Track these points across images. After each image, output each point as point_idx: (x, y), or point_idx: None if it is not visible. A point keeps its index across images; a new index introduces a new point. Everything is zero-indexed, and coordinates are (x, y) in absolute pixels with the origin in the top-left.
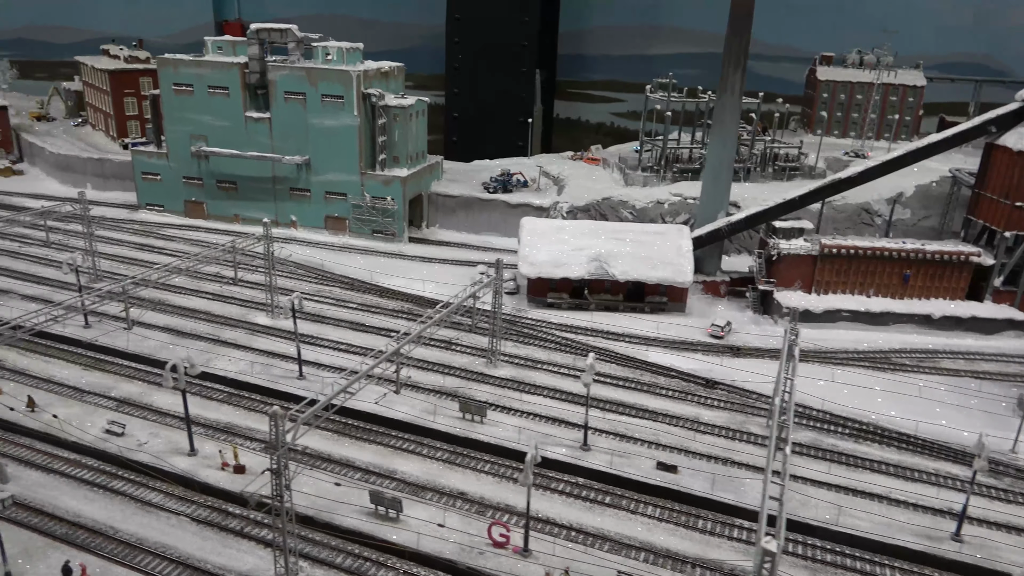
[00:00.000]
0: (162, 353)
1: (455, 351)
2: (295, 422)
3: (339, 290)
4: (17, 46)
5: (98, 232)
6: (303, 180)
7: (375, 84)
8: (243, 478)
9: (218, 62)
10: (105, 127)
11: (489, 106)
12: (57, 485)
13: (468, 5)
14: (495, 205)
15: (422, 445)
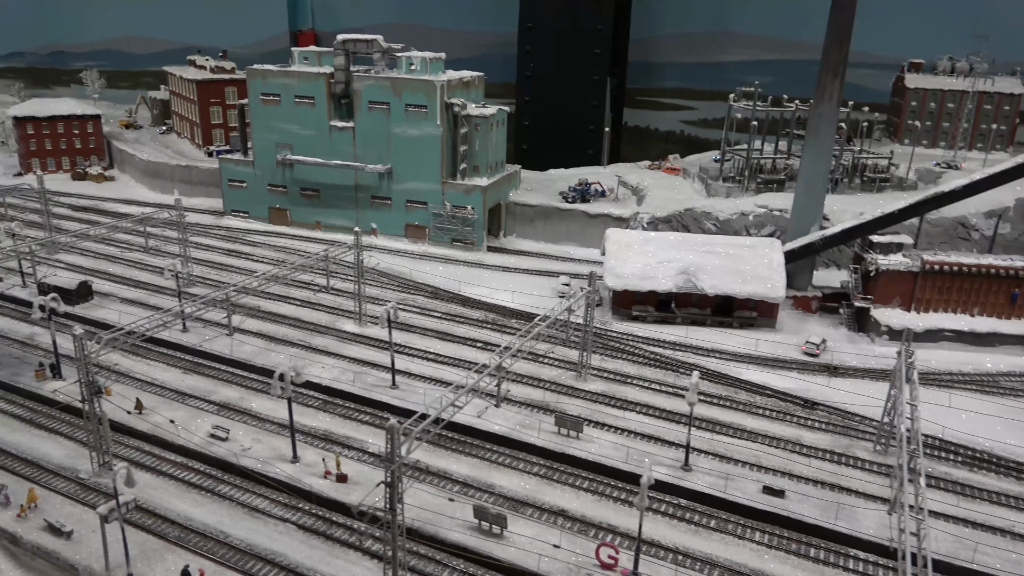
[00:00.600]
0: (258, 359)
1: (542, 363)
2: (408, 436)
3: (423, 299)
4: (104, 57)
5: (189, 237)
6: (384, 188)
7: (457, 94)
8: (346, 487)
9: (305, 72)
10: (191, 135)
11: (560, 115)
12: (167, 488)
13: (541, 14)
14: (574, 215)
15: (518, 460)
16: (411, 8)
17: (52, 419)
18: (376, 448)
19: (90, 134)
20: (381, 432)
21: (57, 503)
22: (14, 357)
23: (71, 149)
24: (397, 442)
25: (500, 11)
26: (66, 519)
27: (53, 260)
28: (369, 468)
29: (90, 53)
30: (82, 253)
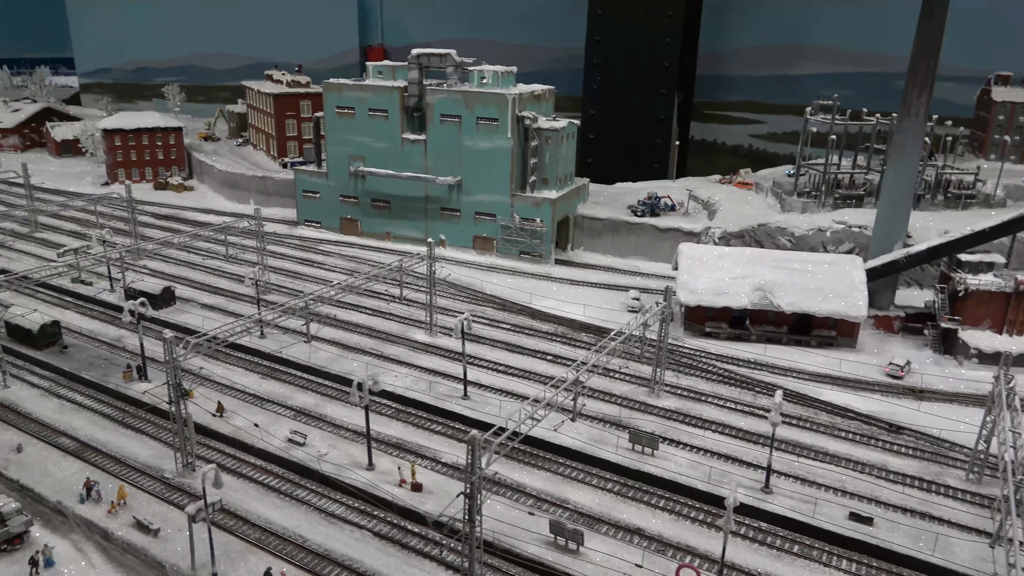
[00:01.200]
0: (333, 366)
1: (614, 378)
2: (488, 447)
3: (492, 311)
4: (184, 73)
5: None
6: (454, 200)
7: (528, 107)
8: (420, 496)
9: (379, 86)
10: (266, 147)
11: (626, 128)
12: (247, 490)
13: (609, 27)
14: (643, 229)
15: (592, 475)
16: (480, 24)
17: (139, 419)
18: (449, 458)
19: (172, 146)
20: (454, 442)
21: (144, 501)
22: (103, 358)
23: (154, 160)
24: (478, 454)
25: (568, 26)
26: (153, 517)
27: (138, 266)
28: (443, 478)
29: (172, 69)
30: (165, 260)
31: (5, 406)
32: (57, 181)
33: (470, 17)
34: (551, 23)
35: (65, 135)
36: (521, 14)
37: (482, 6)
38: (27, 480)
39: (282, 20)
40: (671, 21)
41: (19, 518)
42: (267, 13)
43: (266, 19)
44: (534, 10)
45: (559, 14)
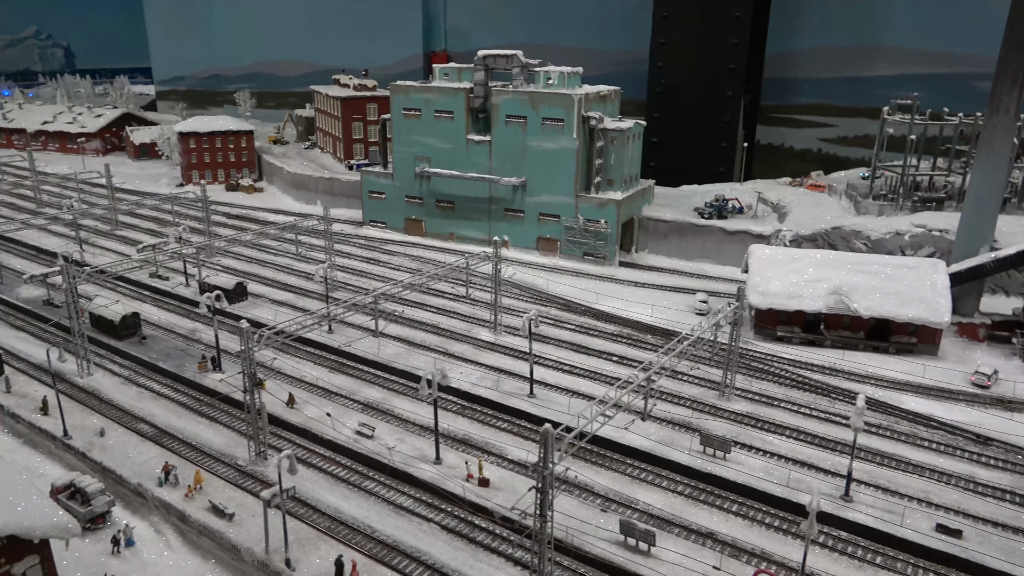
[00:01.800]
0: (399, 361)
1: (682, 380)
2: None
3: (555, 311)
4: (254, 79)
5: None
6: (518, 201)
7: (594, 107)
8: (487, 491)
9: (445, 87)
10: (333, 149)
11: (691, 131)
12: (317, 480)
13: (674, 29)
14: (710, 231)
15: (661, 477)
16: (543, 28)
17: (213, 408)
18: (516, 455)
19: (243, 148)
20: (520, 440)
21: (219, 486)
22: (179, 349)
23: (226, 162)
24: (551, 448)
25: (632, 29)
26: (227, 502)
27: (212, 263)
28: (510, 474)
29: (243, 76)
30: (236, 257)
31: (88, 392)
32: (135, 182)
33: (532, 22)
34: (614, 27)
35: (143, 139)
36: (584, 19)
37: (545, 11)
38: (109, 462)
39: (348, 27)
40: (738, 23)
41: (102, 498)
42: (334, 21)
43: (333, 27)
44: (597, 14)
45: (623, 18)
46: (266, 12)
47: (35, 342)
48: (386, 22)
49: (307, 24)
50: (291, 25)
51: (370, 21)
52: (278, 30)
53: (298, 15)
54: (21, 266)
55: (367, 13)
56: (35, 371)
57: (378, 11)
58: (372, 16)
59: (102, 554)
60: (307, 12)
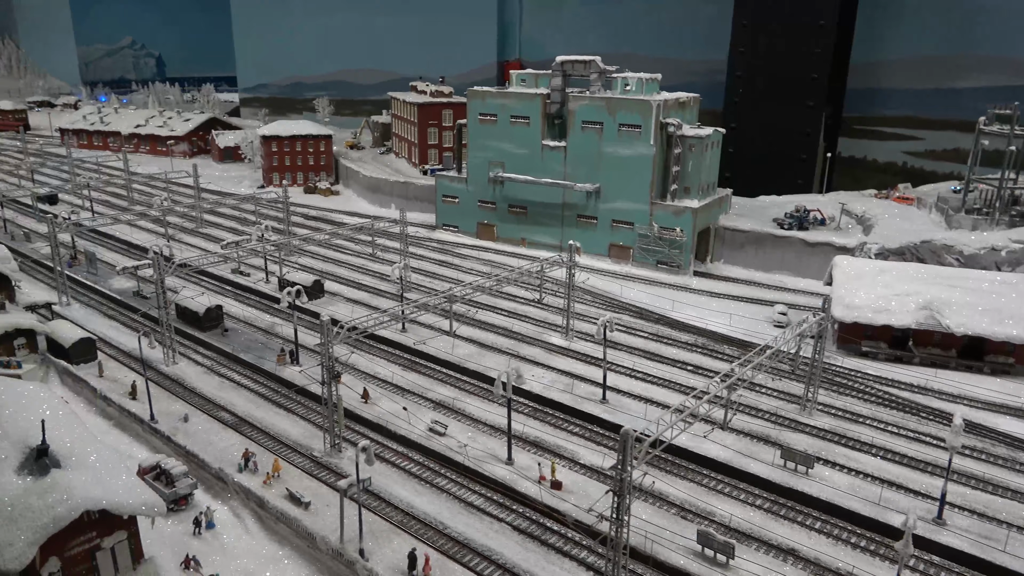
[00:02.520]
0: (470, 362)
1: (760, 392)
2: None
3: (628, 318)
4: (333, 88)
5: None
6: (591, 207)
7: (672, 114)
8: (560, 495)
9: (522, 93)
10: (408, 154)
11: (769, 142)
12: (390, 474)
13: (755, 38)
14: (790, 243)
15: (739, 489)
16: (619, 37)
17: (290, 400)
18: (588, 460)
19: (322, 152)
20: (592, 444)
21: (295, 475)
22: (259, 342)
23: (305, 165)
24: (630, 450)
25: (710, 38)
26: (303, 491)
27: (291, 261)
28: (583, 478)
29: (322, 84)
30: (313, 256)
31: (174, 380)
32: (219, 183)
33: (608, 31)
34: (692, 36)
35: (227, 143)
36: (661, 28)
37: (621, 21)
38: (192, 447)
39: (425, 37)
40: (822, 31)
41: (186, 481)
42: (411, 31)
43: (410, 36)
44: (675, 23)
45: (701, 27)
46: (347, 23)
47: (125, 331)
48: (462, 32)
49: (385, 34)
50: (370, 35)
51: (446, 31)
52: (357, 40)
53: (377, 26)
54: (113, 259)
55: (443, 23)
56: (125, 358)
57: (454, 21)
58: (448, 26)
59: (184, 534)
60: (385, 23)
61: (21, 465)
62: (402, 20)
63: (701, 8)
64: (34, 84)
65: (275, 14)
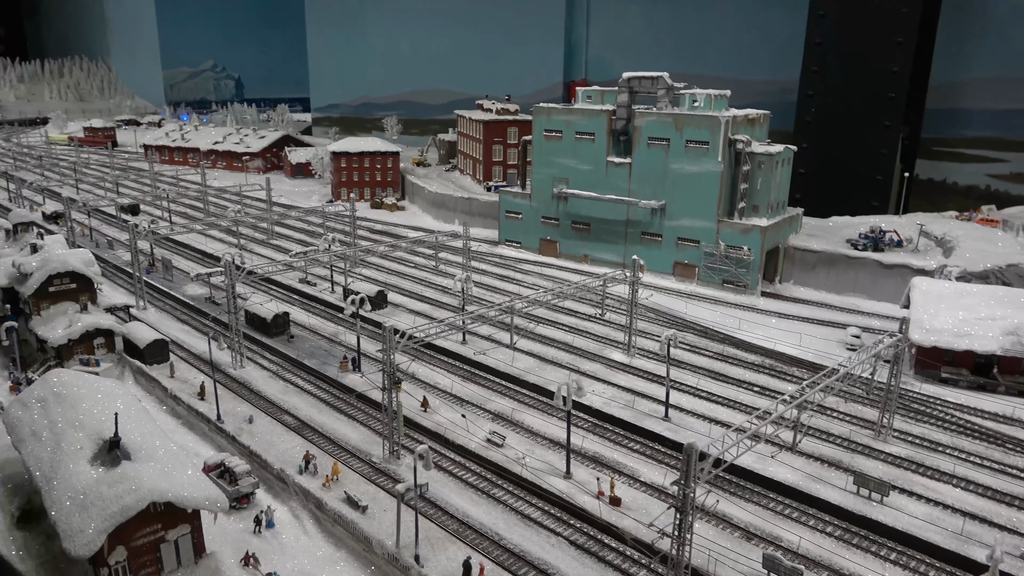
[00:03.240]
0: (531, 375)
1: (830, 417)
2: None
3: (692, 337)
4: (401, 107)
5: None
6: (656, 225)
7: (741, 131)
8: (618, 511)
9: (588, 109)
10: (472, 171)
11: (842, 163)
12: (446, 483)
13: (828, 57)
14: (864, 264)
15: (807, 515)
16: (686, 57)
17: (351, 406)
18: (648, 477)
19: (389, 168)
20: (653, 462)
21: (354, 480)
22: (323, 349)
23: (372, 181)
24: (694, 465)
25: (781, 57)
26: (361, 495)
27: (355, 272)
28: (643, 496)
29: (391, 104)
30: (378, 268)
31: (240, 383)
32: (290, 197)
33: (675, 52)
34: (761, 55)
35: (299, 159)
36: (729, 47)
37: (688, 41)
38: (256, 447)
39: (491, 58)
40: (900, 49)
41: (249, 479)
42: (478, 52)
43: (477, 57)
44: (744, 43)
45: (771, 46)
46: (416, 45)
47: (196, 334)
48: (528, 52)
49: (452, 55)
50: (437, 57)
51: (512, 51)
52: (425, 61)
53: (445, 47)
54: (188, 267)
55: (511, 44)
56: (195, 360)
57: (521, 42)
58: (515, 46)
59: (244, 532)
60: (453, 44)
61: (95, 456)
62: (470, 41)
63: (772, 27)
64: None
65: (348, 38)
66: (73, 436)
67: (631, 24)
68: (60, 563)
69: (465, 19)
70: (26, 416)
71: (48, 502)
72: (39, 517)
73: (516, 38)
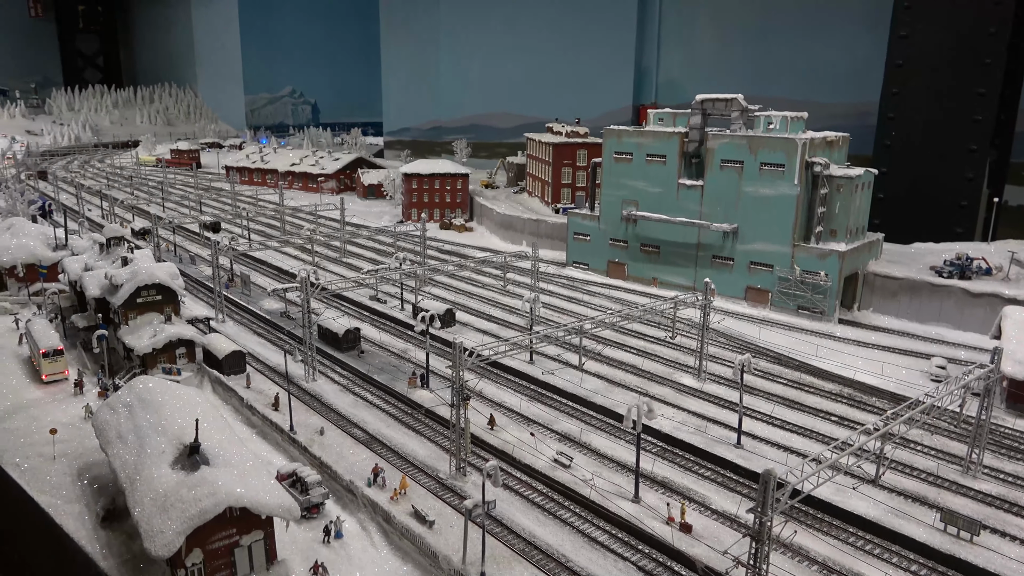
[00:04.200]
0: (598, 397)
1: (915, 451)
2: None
3: (765, 363)
4: (471, 131)
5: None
6: (728, 248)
7: (819, 153)
8: (689, 538)
9: (659, 131)
10: (541, 193)
11: (925, 187)
12: (512, 502)
13: (910, 78)
14: (949, 292)
15: (890, 551)
16: (760, 80)
17: (418, 422)
18: (719, 505)
19: (458, 190)
20: (724, 490)
21: (421, 494)
22: (392, 365)
23: (442, 202)
24: (772, 491)
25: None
26: (428, 510)
27: (424, 291)
28: (714, 524)
29: (460, 128)
30: (446, 288)
31: (312, 395)
32: (362, 217)
33: (748, 75)
34: (837, 78)
35: (371, 180)
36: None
37: (762, 64)
38: (326, 459)
39: (561, 82)
40: (988, 69)
41: (319, 490)
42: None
43: (546, 81)
44: (820, 66)
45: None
46: (485, 71)
47: (271, 347)
48: (598, 76)
49: (522, 80)
50: (507, 80)
51: (582, 75)
52: (494, 86)
53: (514, 72)
54: (264, 282)
55: (579, 68)
56: (269, 372)
57: (590, 66)
58: (584, 70)
59: (314, 541)
60: (523, 69)
61: (175, 460)
62: (538, 66)
63: (849, 49)
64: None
65: (420, 65)
66: (156, 440)
67: (702, 48)
68: (139, 563)
69: (534, 45)
70: (113, 420)
71: (131, 503)
72: (121, 517)
73: (585, 62)
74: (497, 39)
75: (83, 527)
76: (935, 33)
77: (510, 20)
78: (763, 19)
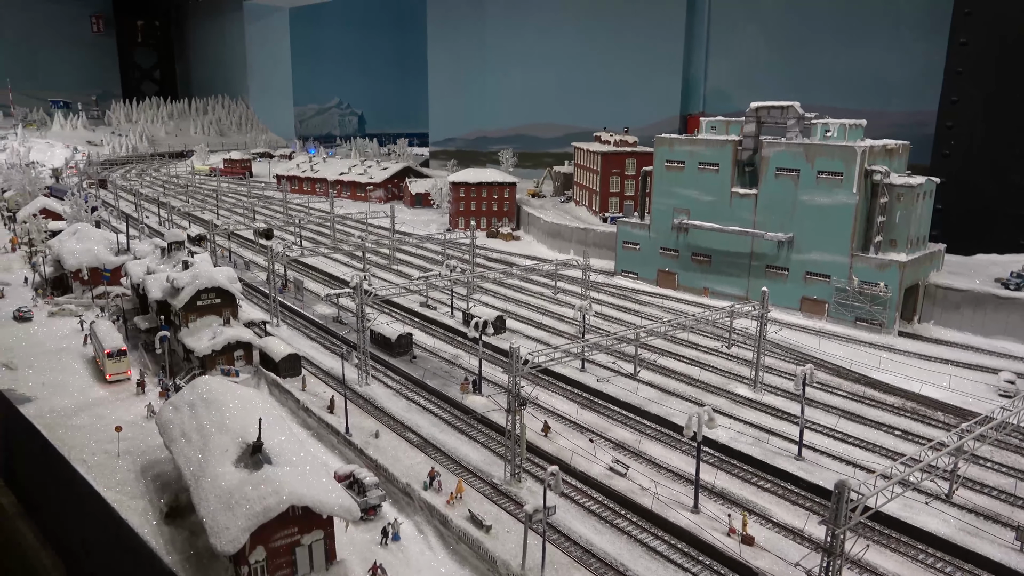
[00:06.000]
0: (652, 406)
1: (985, 467)
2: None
3: (823, 375)
4: (516, 140)
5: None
6: (782, 258)
7: (878, 161)
8: (751, 550)
9: (712, 140)
10: (588, 202)
11: (985, 197)
12: (568, 509)
13: (971, 86)
14: (1016, 305)
15: (962, 570)
16: (812, 89)
17: (472, 428)
18: (781, 518)
19: (505, 199)
20: (785, 503)
21: (476, 499)
22: (444, 371)
23: (489, 211)
24: (846, 502)
25: (916, 88)
26: (484, 515)
27: (474, 298)
28: (776, 536)
29: (506, 137)
30: (496, 295)
31: (366, 399)
32: (410, 225)
33: (799, 83)
34: (893, 87)
35: (419, 189)
36: (859, 79)
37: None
38: (382, 461)
39: (607, 91)
40: None
41: (376, 492)
42: (593, 85)
43: (592, 90)
44: (874, 74)
45: (905, 76)
46: (531, 79)
47: (324, 351)
48: (644, 85)
49: (568, 89)
50: (553, 90)
51: (628, 84)
52: (541, 95)
53: (560, 81)
54: (316, 288)
55: (626, 77)
56: (323, 375)
57: (637, 75)
58: (631, 79)
59: (372, 543)
60: (569, 78)
61: (239, 458)
62: (586, 74)
63: (906, 57)
64: (258, 138)
65: (466, 76)
66: (219, 439)
67: (752, 56)
68: (202, 559)
69: (580, 55)
70: (176, 419)
71: (196, 499)
72: (184, 514)
73: (632, 72)
74: (542, 49)
75: (147, 523)
76: (995, 40)
77: (555, 31)
78: (813, 28)
